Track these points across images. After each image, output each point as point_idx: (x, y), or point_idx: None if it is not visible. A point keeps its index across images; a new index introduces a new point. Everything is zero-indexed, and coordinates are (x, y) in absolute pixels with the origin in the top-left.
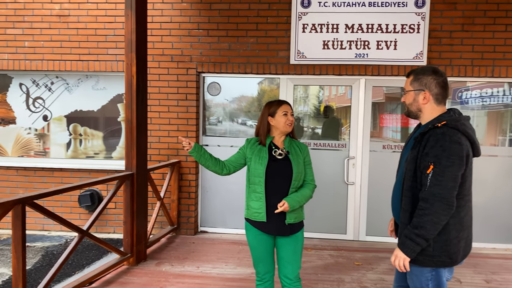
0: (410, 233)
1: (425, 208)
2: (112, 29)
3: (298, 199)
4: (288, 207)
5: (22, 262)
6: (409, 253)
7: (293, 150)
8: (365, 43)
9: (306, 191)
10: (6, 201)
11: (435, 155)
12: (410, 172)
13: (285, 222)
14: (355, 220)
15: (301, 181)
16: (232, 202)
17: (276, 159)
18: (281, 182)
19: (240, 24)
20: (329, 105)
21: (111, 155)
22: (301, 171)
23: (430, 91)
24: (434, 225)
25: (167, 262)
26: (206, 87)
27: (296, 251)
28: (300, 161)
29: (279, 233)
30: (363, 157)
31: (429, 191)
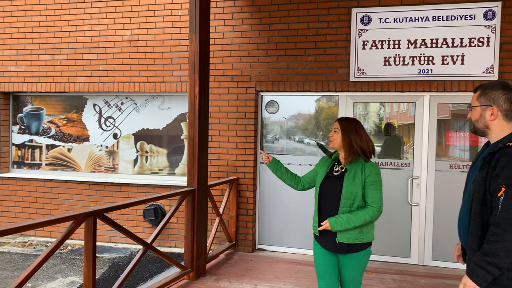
0: (481, 260)
1: (497, 234)
2: (177, 52)
3: (345, 220)
4: (329, 227)
5: (92, 272)
6: (480, 282)
7: (354, 168)
8: (429, 59)
9: (361, 214)
10: (79, 214)
11: (507, 177)
12: (478, 195)
13: (336, 240)
14: (420, 243)
15: (357, 201)
16: (290, 221)
17: (333, 175)
18: (331, 200)
19: (299, 43)
20: (391, 122)
21: (174, 171)
22: (356, 191)
23: (499, 107)
24: (508, 253)
25: (225, 279)
26: (264, 105)
27: (352, 271)
28: (357, 180)
29: (335, 250)
30: (428, 177)
31: (501, 216)
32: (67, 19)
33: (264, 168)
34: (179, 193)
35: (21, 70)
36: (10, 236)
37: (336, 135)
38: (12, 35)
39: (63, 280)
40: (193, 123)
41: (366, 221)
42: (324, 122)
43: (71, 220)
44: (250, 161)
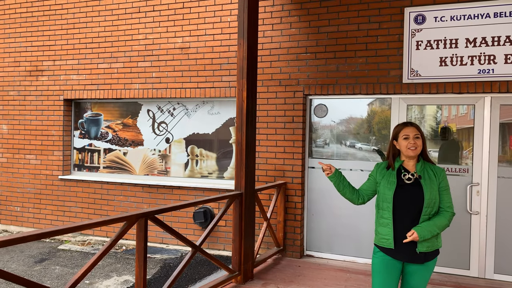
0: None
1: None
2: (226, 58)
3: (430, 228)
4: (417, 237)
5: (143, 271)
6: None
7: (426, 174)
8: (490, 58)
9: (441, 219)
10: (132, 215)
11: None
12: None
13: (416, 250)
14: (481, 254)
15: (435, 208)
16: (339, 227)
17: (405, 183)
18: (410, 209)
19: (349, 45)
20: (447, 126)
21: (223, 175)
22: (435, 197)
23: None
24: None
25: (273, 284)
26: (313, 109)
27: (422, 280)
28: (434, 186)
29: (412, 260)
30: (490, 184)
31: None
32: (123, 29)
33: (312, 172)
34: (227, 197)
35: (82, 79)
36: (71, 234)
37: (419, 142)
38: (74, 45)
39: (117, 278)
40: (240, 128)
41: (445, 226)
42: (376, 126)
43: (124, 221)
44: (298, 166)
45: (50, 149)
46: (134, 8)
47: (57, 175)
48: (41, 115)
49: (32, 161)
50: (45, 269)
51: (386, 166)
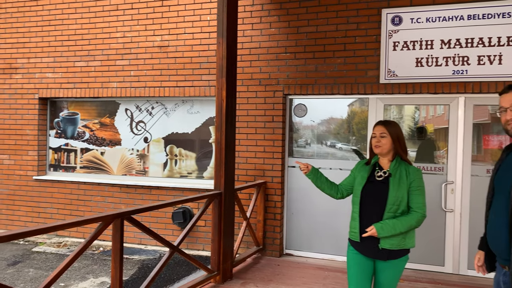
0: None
1: None
2: (205, 57)
3: (391, 226)
4: (375, 233)
5: (119, 272)
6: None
7: (398, 173)
8: (464, 59)
9: (407, 219)
10: (107, 215)
11: None
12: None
13: (379, 246)
14: (455, 251)
15: (402, 206)
16: (318, 226)
17: (375, 180)
18: (376, 205)
19: (327, 46)
20: (423, 126)
21: (203, 175)
22: (402, 196)
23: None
24: None
25: (252, 283)
26: (293, 109)
27: (390, 278)
28: (403, 185)
29: (376, 256)
30: (464, 182)
31: None
32: (101, 27)
33: (292, 172)
34: (206, 196)
35: (58, 77)
36: (46, 236)
37: (384, 140)
38: (50, 43)
39: (94, 280)
40: (220, 127)
41: (411, 226)
42: (356, 126)
43: (99, 221)
44: (278, 165)
45: (24, 148)
46: (112, 6)
47: (32, 175)
48: (15, 114)
49: (6, 161)
50: (18, 272)
51: (366, 162)
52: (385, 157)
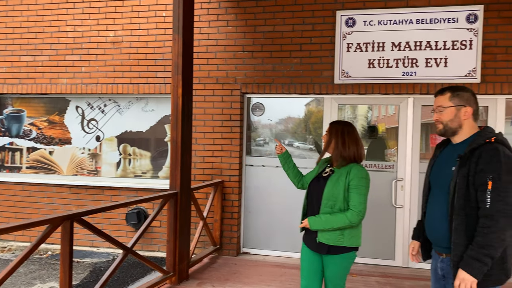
0: (478, 253)
1: (490, 225)
2: (161, 53)
3: (324, 221)
4: (308, 225)
5: (68, 277)
6: (478, 274)
7: (341, 171)
8: (413, 61)
9: (341, 216)
10: (56, 217)
11: (493, 171)
12: (462, 190)
13: (316, 239)
14: (404, 245)
15: (338, 203)
16: (276, 223)
17: (321, 176)
18: (315, 200)
19: (284, 46)
20: (374, 125)
21: (158, 175)
22: (337, 193)
23: (472, 107)
24: (501, 242)
25: (209, 283)
26: (251, 108)
27: (333, 273)
28: (341, 183)
29: (316, 249)
30: (412, 179)
31: (492, 208)
32: (49, 20)
33: (250, 170)
34: (161, 197)
35: (2, 72)
36: None
37: (325, 138)
38: None
39: (41, 286)
40: (176, 125)
41: (345, 223)
42: (313, 126)
43: (47, 224)
44: (235, 164)
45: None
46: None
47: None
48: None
49: None
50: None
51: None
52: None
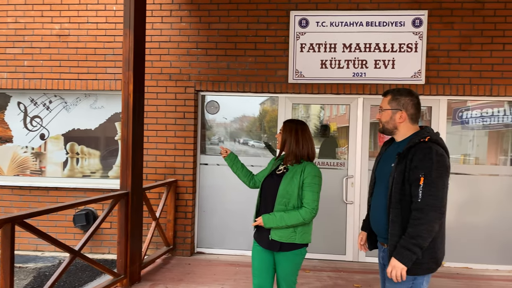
0: (408, 243)
1: (420, 218)
2: (111, 49)
3: (278, 218)
4: (262, 223)
5: (9, 283)
6: (407, 262)
7: (295, 169)
8: (363, 62)
9: (294, 213)
10: None
11: (425, 167)
12: (398, 186)
13: (269, 237)
14: (355, 240)
15: (292, 201)
16: (231, 222)
17: (275, 174)
18: (269, 197)
19: (239, 44)
20: (326, 124)
21: (108, 174)
22: (292, 191)
23: (407, 111)
24: (429, 233)
25: (162, 284)
26: (205, 106)
27: (285, 269)
28: (295, 181)
29: (269, 247)
30: (362, 176)
31: (423, 202)
32: None
33: (204, 169)
34: (111, 197)
35: None
36: None
37: (279, 137)
38: None
39: None
40: (126, 123)
41: (298, 221)
42: (268, 124)
43: None
44: (189, 163)
45: None
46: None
47: None
48: None
49: None
50: None
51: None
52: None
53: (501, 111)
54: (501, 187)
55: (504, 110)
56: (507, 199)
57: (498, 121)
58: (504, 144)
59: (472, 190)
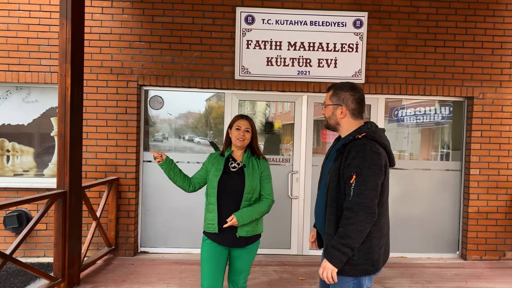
0: (337, 243)
1: (350, 217)
2: (46, 39)
3: (249, 214)
4: (236, 222)
5: None
6: (337, 263)
7: (251, 164)
8: (307, 61)
9: (261, 205)
10: None
11: (357, 166)
12: (334, 183)
13: (236, 235)
14: (299, 234)
15: (256, 194)
16: (175, 221)
17: (230, 171)
18: (233, 195)
19: (184, 38)
20: (271, 121)
21: (43, 173)
22: (256, 185)
23: (347, 107)
24: (359, 234)
25: (103, 286)
26: (149, 101)
27: (246, 262)
28: (256, 175)
29: (234, 245)
30: (306, 172)
31: (353, 201)
32: None
33: (148, 167)
34: (47, 196)
35: None
36: None
37: (248, 135)
38: None
39: None
40: (64, 118)
41: (264, 213)
42: (213, 121)
43: None
44: (132, 160)
45: None
46: None
47: None
48: None
49: None
50: None
51: (220, 154)
52: (241, 149)
53: (432, 110)
54: (432, 180)
55: (435, 109)
56: (438, 192)
57: (430, 119)
58: (435, 140)
59: (407, 184)
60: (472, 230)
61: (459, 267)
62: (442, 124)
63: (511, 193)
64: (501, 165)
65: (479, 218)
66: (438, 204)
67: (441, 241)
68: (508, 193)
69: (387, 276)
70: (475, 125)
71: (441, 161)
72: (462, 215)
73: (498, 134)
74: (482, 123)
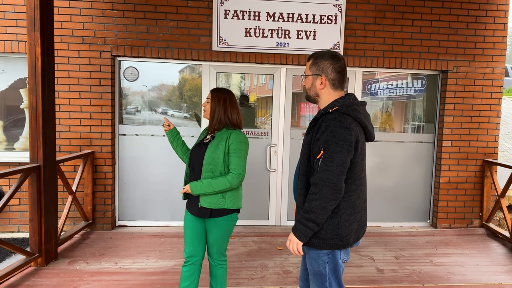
0: (302, 217)
1: (315, 193)
2: (11, 5)
3: (205, 185)
4: (189, 190)
5: None
6: (301, 237)
7: (220, 136)
8: (286, 32)
9: (222, 179)
10: None
11: (325, 141)
12: (304, 157)
13: (199, 204)
14: (277, 206)
15: (218, 167)
16: (153, 194)
17: (203, 143)
18: (197, 166)
19: (159, 7)
20: (247, 94)
21: (14, 146)
22: (217, 157)
23: (327, 76)
24: (323, 210)
25: (82, 260)
26: (123, 72)
27: (215, 235)
28: (221, 147)
29: (199, 214)
30: (284, 145)
31: (319, 176)
32: None
33: (123, 140)
34: (20, 171)
35: None
36: None
37: (207, 106)
38: None
39: None
40: (35, 90)
41: (226, 186)
42: (188, 93)
43: None
44: (107, 133)
45: None
46: None
47: None
48: None
49: None
50: None
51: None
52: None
53: (404, 83)
54: (405, 152)
55: (407, 83)
56: (410, 163)
57: (402, 92)
58: (407, 114)
59: (381, 156)
60: (443, 199)
61: (429, 234)
62: (414, 97)
63: (480, 164)
64: (471, 137)
65: (449, 188)
66: (411, 175)
67: (413, 210)
68: (477, 164)
69: (362, 245)
70: (448, 98)
71: (412, 133)
72: (434, 186)
73: (469, 107)
74: (455, 96)
